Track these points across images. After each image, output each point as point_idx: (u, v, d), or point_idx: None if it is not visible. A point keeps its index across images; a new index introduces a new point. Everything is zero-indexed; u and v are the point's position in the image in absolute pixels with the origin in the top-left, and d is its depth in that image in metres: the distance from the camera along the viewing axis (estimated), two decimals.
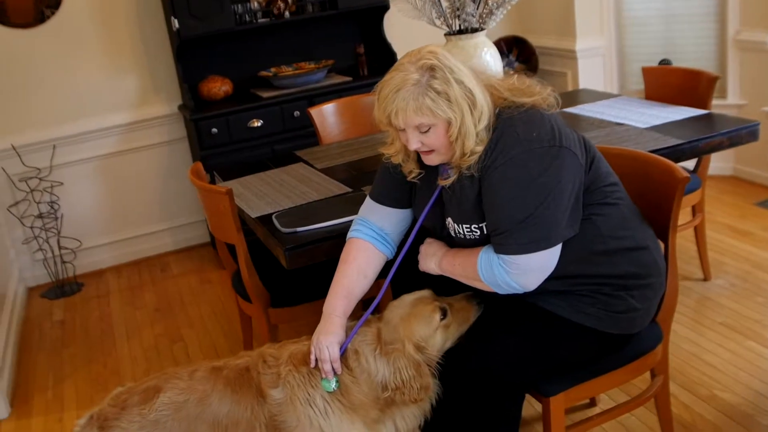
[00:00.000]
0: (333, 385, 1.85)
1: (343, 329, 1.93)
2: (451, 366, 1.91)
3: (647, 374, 2.21)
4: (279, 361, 1.88)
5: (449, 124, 1.76)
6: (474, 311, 1.93)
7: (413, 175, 1.98)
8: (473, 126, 1.76)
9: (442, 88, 1.73)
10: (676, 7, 4.36)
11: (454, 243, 1.98)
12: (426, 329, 1.86)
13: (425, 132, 1.78)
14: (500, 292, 1.85)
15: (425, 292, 1.94)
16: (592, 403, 2.63)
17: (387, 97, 1.77)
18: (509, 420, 1.95)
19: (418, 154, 1.91)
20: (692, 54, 4.33)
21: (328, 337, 1.89)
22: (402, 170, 2.00)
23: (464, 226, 1.88)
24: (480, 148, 1.79)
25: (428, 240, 2.06)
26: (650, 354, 2.07)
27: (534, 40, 4.85)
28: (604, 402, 2.61)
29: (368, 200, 2.12)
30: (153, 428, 1.79)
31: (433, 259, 2.01)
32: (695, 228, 3.27)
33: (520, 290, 1.83)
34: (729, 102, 4.26)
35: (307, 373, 1.86)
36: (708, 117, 2.98)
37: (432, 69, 1.74)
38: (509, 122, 1.80)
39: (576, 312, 1.90)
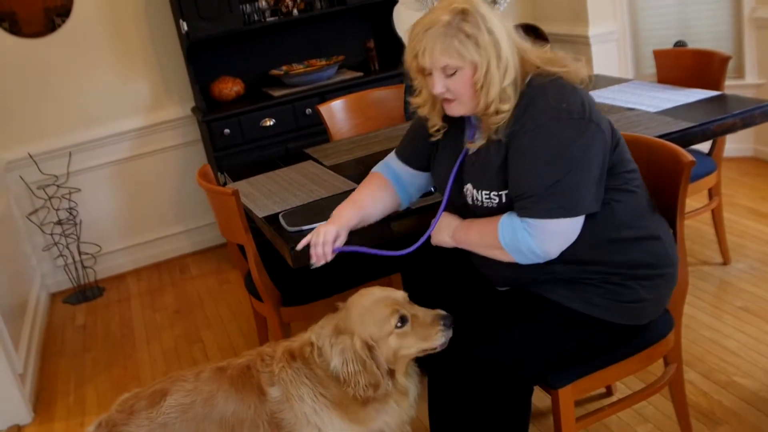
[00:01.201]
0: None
1: (344, 229, 1.98)
2: (459, 359, 1.90)
3: (662, 362, 2.18)
4: (273, 359, 1.89)
5: (475, 69, 1.75)
6: (437, 333, 1.83)
7: (436, 128, 1.97)
8: (499, 78, 1.74)
9: (471, 32, 1.73)
10: None
11: (468, 212, 1.96)
12: (378, 331, 1.81)
13: (451, 75, 1.78)
14: (520, 260, 1.80)
15: (397, 294, 1.88)
16: (609, 392, 2.60)
17: (416, 36, 1.78)
18: (519, 413, 1.94)
19: (443, 110, 1.91)
20: (708, 34, 4.25)
21: (327, 226, 1.94)
22: (427, 125, 2.00)
23: (483, 192, 1.86)
24: (506, 108, 1.77)
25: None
26: (662, 342, 2.03)
27: (547, 27, 4.78)
28: (621, 391, 2.58)
29: (392, 154, 2.16)
30: (161, 431, 1.80)
31: (446, 231, 1.98)
32: (712, 211, 3.22)
33: (540, 258, 1.79)
34: (747, 82, 4.18)
35: (297, 368, 1.86)
36: (721, 98, 2.93)
37: (464, 12, 1.75)
38: (540, 89, 1.78)
39: (584, 303, 1.87)
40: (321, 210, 2.44)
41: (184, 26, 3.92)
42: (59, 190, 4.15)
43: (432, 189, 2.24)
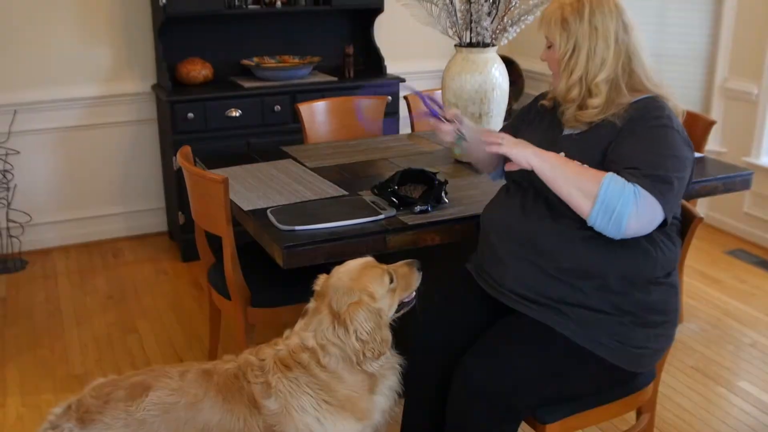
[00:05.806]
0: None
1: None
2: (458, 379, 1.87)
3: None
4: (265, 369, 1.78)
5: (562, 52, 1.92)
6: (416, 277, 1.93)
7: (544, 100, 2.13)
8: (582, 68, 1.89)
9: (570, 19, 1.89)
10: (667, 48, 4.39)
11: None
12: (380, 288, 1.83)
13: (549, 48, 1.98)
14: (597, 221, 1.76)
15: (369, 258, 1.92)
16: None
17: (547, 7, 1.98)
18: None
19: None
20: (679, 97, 4.32)
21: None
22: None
23: (576, 161, 1.87)
24: (595, 103, 1.89)
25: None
26: (644, 390, 2.07)
27: (522, 63, 4.82)
28: None
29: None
30: (139, 427, 1.65)
31: (529, 148, 1.86)
32: None
33: (614, 228, 1.75)
34: (710, 148, 4.28)
35: (295, 377, 1.77)
36: (702, 161, 2.98)
37: (578, 1, 1.89)
38: (655, 100, 1.91)
39: (592, 341, 1.87)
40: (314, 212, 2.32)
41: None
42: None
43: None
